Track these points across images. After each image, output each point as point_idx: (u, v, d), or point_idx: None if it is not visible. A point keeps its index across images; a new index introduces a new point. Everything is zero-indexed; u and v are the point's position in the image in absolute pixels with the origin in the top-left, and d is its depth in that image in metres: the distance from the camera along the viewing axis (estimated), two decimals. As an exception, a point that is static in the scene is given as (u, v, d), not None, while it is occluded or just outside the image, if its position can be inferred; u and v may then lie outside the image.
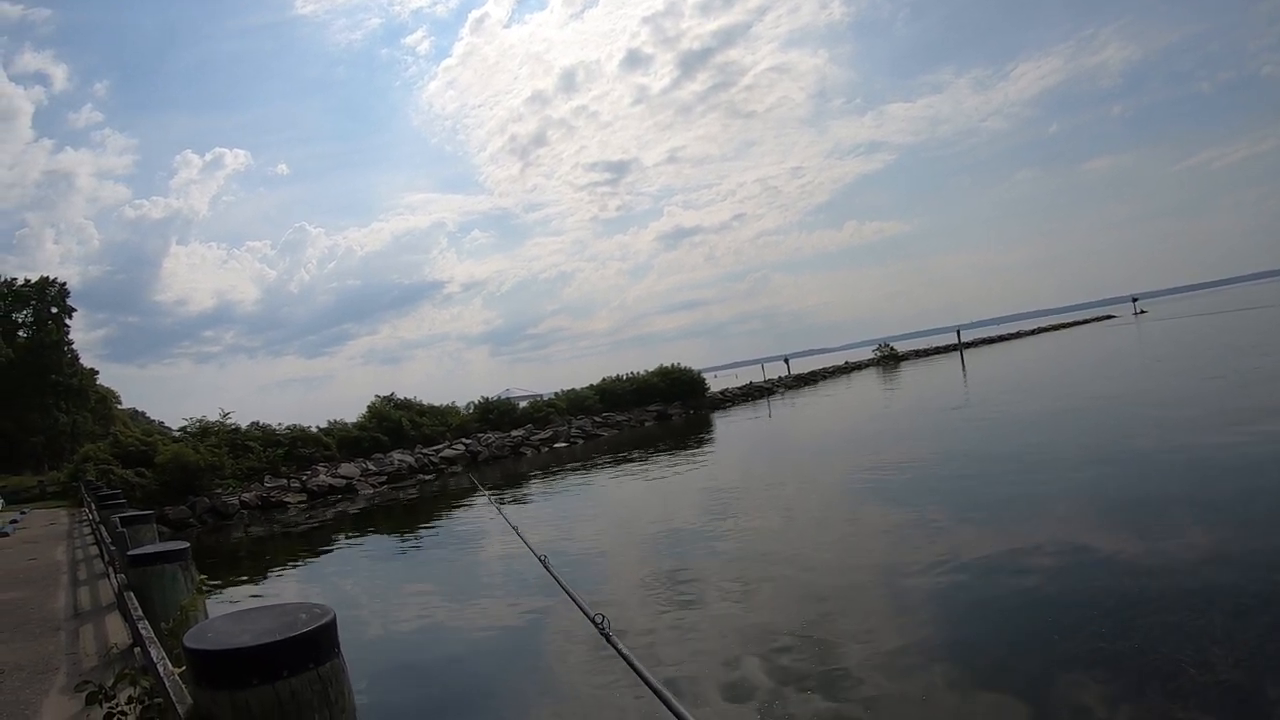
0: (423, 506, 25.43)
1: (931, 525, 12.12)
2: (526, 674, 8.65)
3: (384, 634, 10.97)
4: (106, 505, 11.71)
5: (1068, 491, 13.06)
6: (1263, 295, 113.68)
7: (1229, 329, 48.26)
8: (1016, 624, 7.81)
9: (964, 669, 6.96)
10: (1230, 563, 8.56)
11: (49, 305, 55.50)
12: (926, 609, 8.69)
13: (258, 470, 32.59)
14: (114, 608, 8.24)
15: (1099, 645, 6.91)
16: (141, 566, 5.26)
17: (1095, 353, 48.63)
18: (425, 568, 15.60)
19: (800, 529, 13.60)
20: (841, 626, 8.39)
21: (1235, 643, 6.57)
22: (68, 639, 7.65)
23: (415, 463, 35.60)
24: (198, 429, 33.64)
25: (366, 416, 40.60)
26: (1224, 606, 7.29)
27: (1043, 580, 8.92)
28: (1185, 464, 13.48)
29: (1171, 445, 15.18)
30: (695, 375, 54.76)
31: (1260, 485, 11.34)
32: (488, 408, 45.98)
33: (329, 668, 1.77)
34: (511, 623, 10.53)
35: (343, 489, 31.57)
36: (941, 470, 16.65)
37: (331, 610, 1.81)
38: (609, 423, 46.20)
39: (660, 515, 16.55)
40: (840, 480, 17.76)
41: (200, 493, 28.75)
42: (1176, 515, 10.76)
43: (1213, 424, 16.49)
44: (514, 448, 39.57)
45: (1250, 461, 12.83)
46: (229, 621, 1.84)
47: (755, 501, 16.70)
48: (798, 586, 10.05)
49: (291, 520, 26.15)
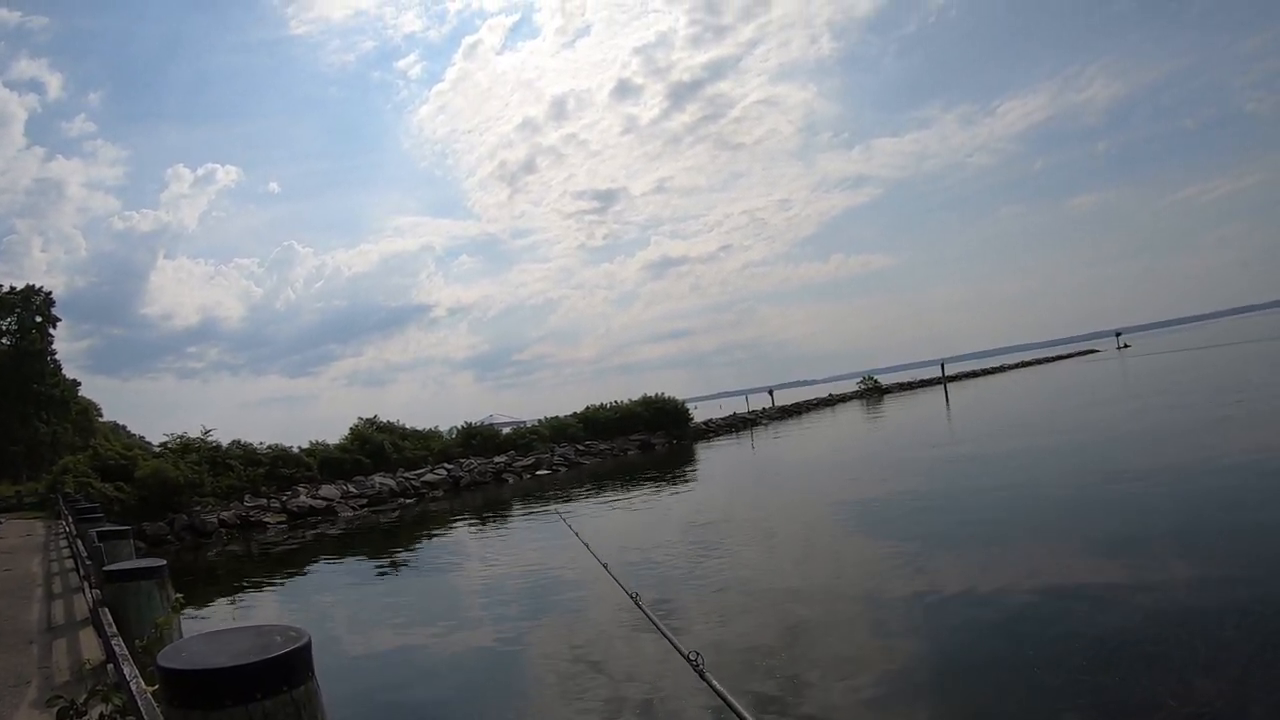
0: (403, 530, 25.31)
1: (913, 558, 12.16)
2: (503, 700, 8.61)
3: (361, 658, 10.89)
4: (84, 519, 11.58)
5: (1049, 524, 13.18)
6: (1245, 330, 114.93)
7: (1210, 364, 48.70)
8: (999, 656, 7.84)
9: (948, 700, 6.99)
10: (1210, 595, 8.65)
11: (33, 314, 55.23)
12: (909, 641, 8.72)
13: (238, 489, 32.33)
14: (89, 623, 8.16)
15: (1081, 677, 6.94)
16: (117, 582, 5.22)
17: (1077, 387, 48.90)
18: (403, 592, 15.51)
19: (781, 560, 13.60)
20: (823, 658, 8.39)
21: (1217, 674, 6.63)
22: (41, 652, 7.56)
23: (397, 486, 35.38)
24: (178, 445, 33.41)
25: (349, 438, 40.36)
26: (1205, 638, 7.35)
27: (1024, 612, 8.95)
28: (1167, 499, 13.61)
29: (1152, 481, 15.29)
30: (679, 405, 54.68)
31: (1242, 520, 11.45)
32: (471, 433, 45.80)
33: (303, 691, 1.72)
34: (490, 648, 10.48)
35: (323, 510, 31.31)
36: (923, 503, 16.70)
37: (307, 633, 1.78)
38: (592, 451, 46.03)
39: (641, 544, 16.49)
40: (822, 512, 17.79)
41: (179, 510, 28.51)
42: (1157, 549, 10.85)
43: (1191, 460, 16.64)
44: (496, 474, 39.37)
45: (1234, 497, 12.97)
46: (203, 641, 1.81)
47: (737, 532, 16.68)
48: (778, 618, 10.04)
49: (270, 540, 25.94)
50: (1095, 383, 51.90)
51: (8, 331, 54.91)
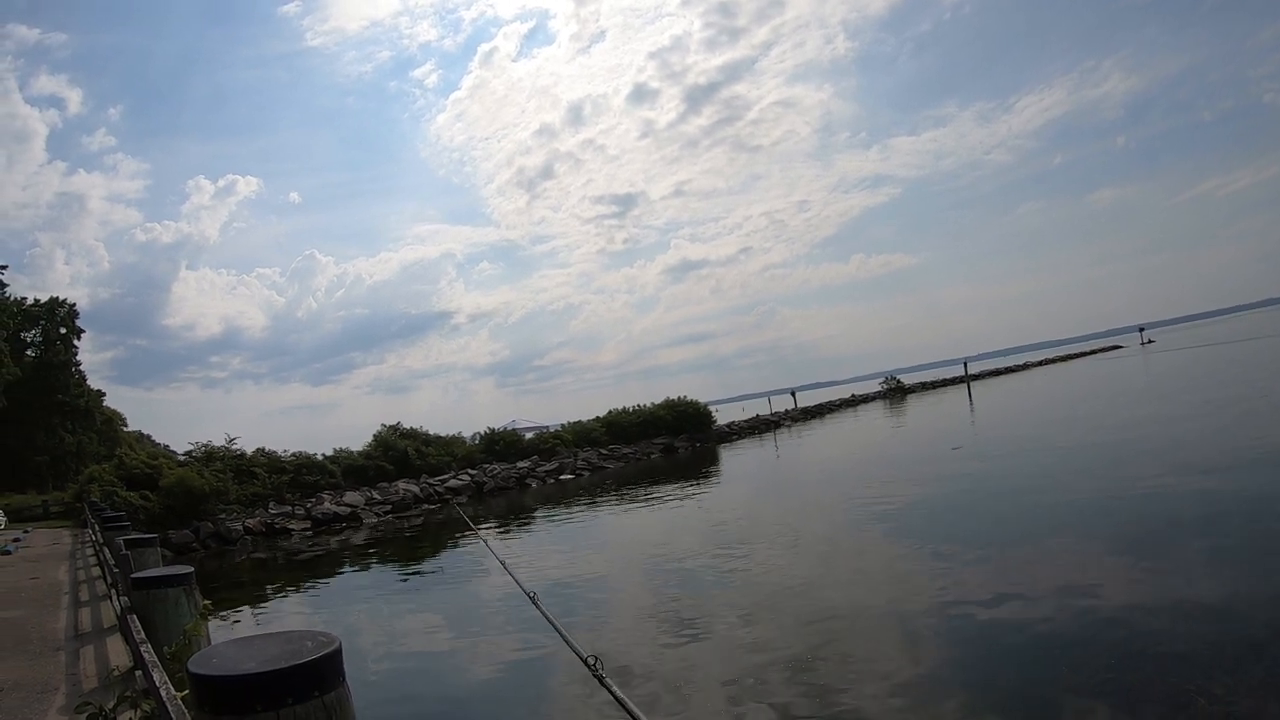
0: (427, 537, 25.36)
1: (939, 561, 12.03)
2: (520, 713, 8.57)
3: (385, 665, 10.89)
4: (110, 527, 11.65)
5: (1075, 526, 12.96)
6: (1269, 323, 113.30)
7: (1236, 360, 48.00)
8: (1026, 657, 7.75)
9: (975, 701, 6.94)
10: (1239, 597, 8.50)
11: (58, 325, 55.73)
12: (935, 643, 8.63)
13: (262, 496, 32.59)
14: (115, 630, 8.19)
15: (1108, 677, 6.88)
16: (145, 589, 5.18)
17: (1102, 384, 48.34)
18: (427, 600, 15.49)
19: (807, 563, 13.50)
20: (850, 661, 8.30)
21: (1245, 674, 6.57)
22: (68, 659, 7.60)
23: (420, 492, 35.51)
24: (203, 454, 33.73)
25: (372, 445, 40.62)
26: (1233, 639, 7.27)
27: (1051, 613, 8.85)
28: (1195, 501, 13.34)
29: (1180, 481, 15.04)
30: (701, 408, 54.53)
31: (1271, 520, 11.24)
32: (493, 439, 45.96)
33: (334, 696, 1.73)
34: (508, 659, 10.40)
35: (347, 517, 31.46)
36: (948, 505, 16.57)
37: (337, 639, 1.79)
38: (615, 455, 46.04)
39: (664, 550, 16.41)
40: (846, 515, 17.64)
41: (204, 517, 28.72)
42: (1185, 551, 10.68)
43: (1221, 460, 16.36)
44: (519, 479, 39.42)
45: (1263, 494, 12.75)
46: (234, 647, 1.81)
47: (762, 536, 16.56)
48: (804, 622, 9.94)
49: (295, 547, 26.06)
50: (1119, 380, 51.37)
51: (33, 344, 55.46)
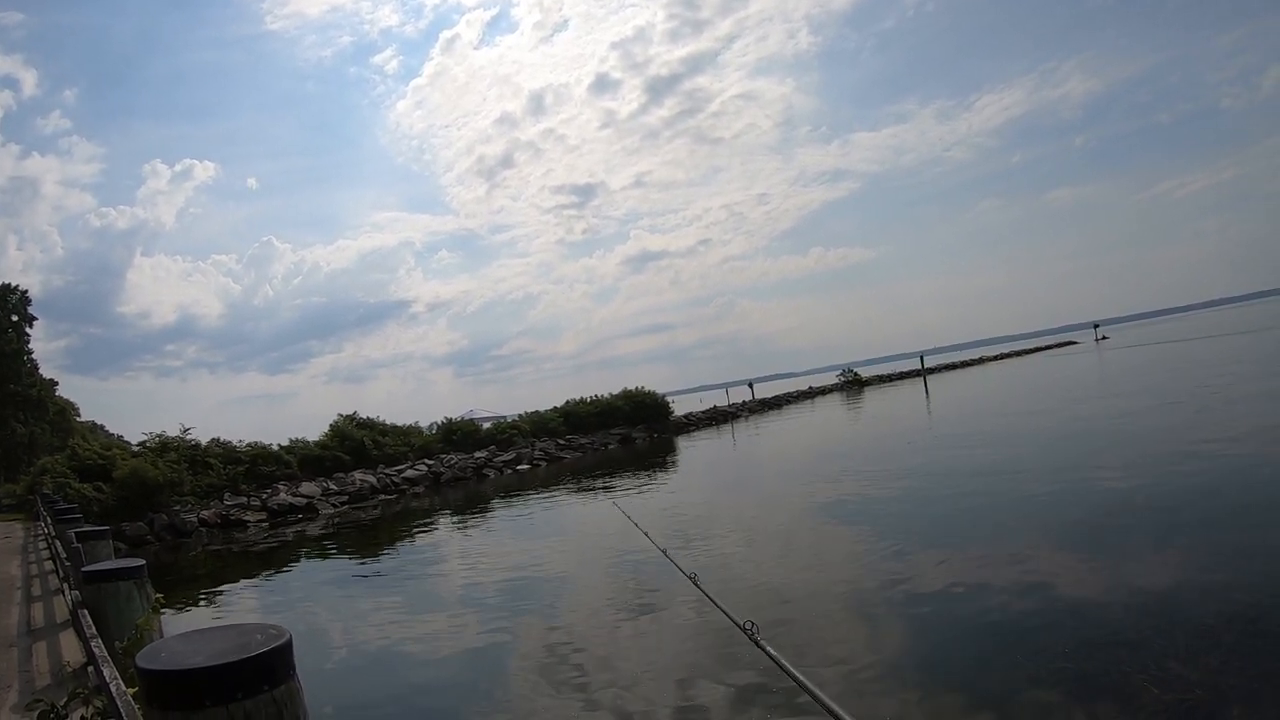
0: (384, 527, 25.30)
1: (895, 549, 12.24)
2: (483, 694, 8.70)
3: (343, 656, 10.95)
4: (62, 519, 11.57)
5: (1030, 515, 13.25)
6: (1222, 321, 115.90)
7: (1187, 356, 49.22)
8: (982, 646, 7.92)
9: (931, 689, 7.08)
10: (1192, 585, 8.75)
11: (9, 313, 54.54)
12: (891, 631, 8.82)
13: (217, 487, 32.17)
14: (69, 625, 8.20)
15: (1064, 665, 7.03)
16: (96, 583, 5.19)
17: (1055, 379, 49.23)
18: (385, 589, 15.51)
19: (762, 550, 13.73)
20: (804, 649, 8.38)
21: (1198, 662, 6.72)
22: (21, 656, 7.61)
23: (377, 483, 35.31)
24: (157, 444, 33.15)
25: (329, 435, 40.23)
26: (1187, 627, 7.44)
27: (1007, 602, 9.02)
28: (1147, 490, 13.72)
29: (1132, 472, 15.42)
30: (660, 399, 54.82)
31: (1220, 510, 11.60)
32: (451, 429, 45.85)
33: (284, 690, 1.70)
34: (471, 644, 10.56)
35: (303, 508, 31.23)
36: (903, 494, 16.90)
37: (287, 631, 1.76)
38: (572, 445, 46.11)
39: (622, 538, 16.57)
40: (802, 503, 17.95)
41: (159, 509, 28.33)
42: (1139, 540, 10.93)
43: (1170, 450, 16.86)
44: (477, 469, 39.38)
45: (1211, 487, 13.11)
46: (182, 641, 1.79)
47: (718, 524, 16.81)
48: (759, 609, 10.14)
49: (251, 539, 25.83)
50: (1072, 375, 52.40)
51: (-17, 331, 54.33)
